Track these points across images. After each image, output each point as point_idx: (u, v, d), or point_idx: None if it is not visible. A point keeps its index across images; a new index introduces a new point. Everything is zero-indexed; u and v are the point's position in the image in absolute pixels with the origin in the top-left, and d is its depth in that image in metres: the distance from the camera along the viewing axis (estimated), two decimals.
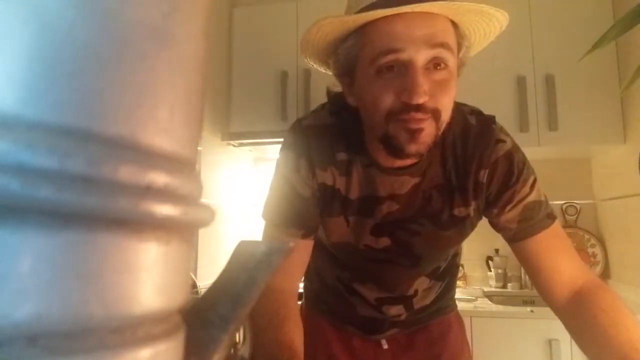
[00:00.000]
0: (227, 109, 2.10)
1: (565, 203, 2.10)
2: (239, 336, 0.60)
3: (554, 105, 1.82)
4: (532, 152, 0.85)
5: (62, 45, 0.13)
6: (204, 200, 0.17)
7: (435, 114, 0.61)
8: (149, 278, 0.15)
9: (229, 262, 0.22)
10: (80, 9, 0.13)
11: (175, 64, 0.16)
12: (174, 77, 0.16)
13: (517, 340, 1.61)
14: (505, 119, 0.78)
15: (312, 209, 0.75)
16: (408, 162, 0.70)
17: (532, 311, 1.62)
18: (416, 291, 0.86)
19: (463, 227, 0.76)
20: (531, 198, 0.72)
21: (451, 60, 0.61)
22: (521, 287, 2.05)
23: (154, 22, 0.15)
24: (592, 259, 2.00)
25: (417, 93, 0.58)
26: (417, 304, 0.88)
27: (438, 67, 0.60)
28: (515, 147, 0.73)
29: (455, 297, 1.00)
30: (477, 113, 0.75)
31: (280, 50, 2.05)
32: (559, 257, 0.72)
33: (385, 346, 0.92)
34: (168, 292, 0.16)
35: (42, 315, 0.12)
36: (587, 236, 2.04)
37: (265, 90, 2.05)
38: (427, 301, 0.90)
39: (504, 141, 0.72)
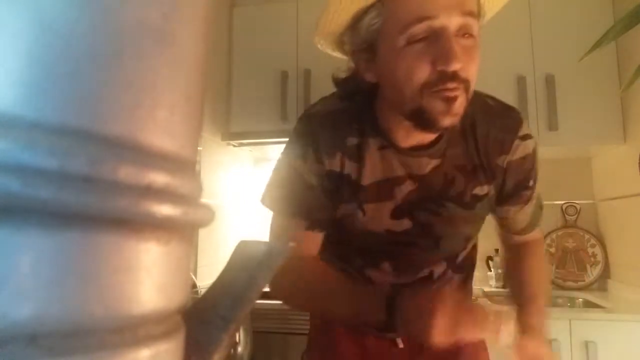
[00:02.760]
0: (227, 109, 2.10)
1: (565, 203, 2.10)
2: (239, 336, 0.60)
3: (554, 105, 1.82)
4: None
5: (62, 45, 0.13)
6: (204, 200, 0.17)
7: (466, 85, 0.60)
8: (149, 278, 0.15)
9: (229, 262, 0.22)
10: (80, 8, 0.13)
11: (175, 64, 0.16)
12: (174, 77, 0.16)
13: None
14: None
15: (321, 199, 0.73)
16: (426, 140, 0.69)
17: None
18: (432, 272, 0.83)
19: (482, 206, 0.76)
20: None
21: (476, 29, 0.61)
22: None
23: (154, 22, 0.15)
24: (592, 259, 2.00)
25: (455, 58, 0.57)
26: None
27: (465, 36, 0.60)
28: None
29: None
30: (493, 97, 0.76)
31: (280, 50, 2.04)
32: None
33: (401, 345, 0.86)
34: (168, 292, 0.16)
35: (42, 315, 0.12)
36: (587, 236, 2.04)
37: (265, 90, 2.05)
38: None
39: (531, 137, 0.73)
